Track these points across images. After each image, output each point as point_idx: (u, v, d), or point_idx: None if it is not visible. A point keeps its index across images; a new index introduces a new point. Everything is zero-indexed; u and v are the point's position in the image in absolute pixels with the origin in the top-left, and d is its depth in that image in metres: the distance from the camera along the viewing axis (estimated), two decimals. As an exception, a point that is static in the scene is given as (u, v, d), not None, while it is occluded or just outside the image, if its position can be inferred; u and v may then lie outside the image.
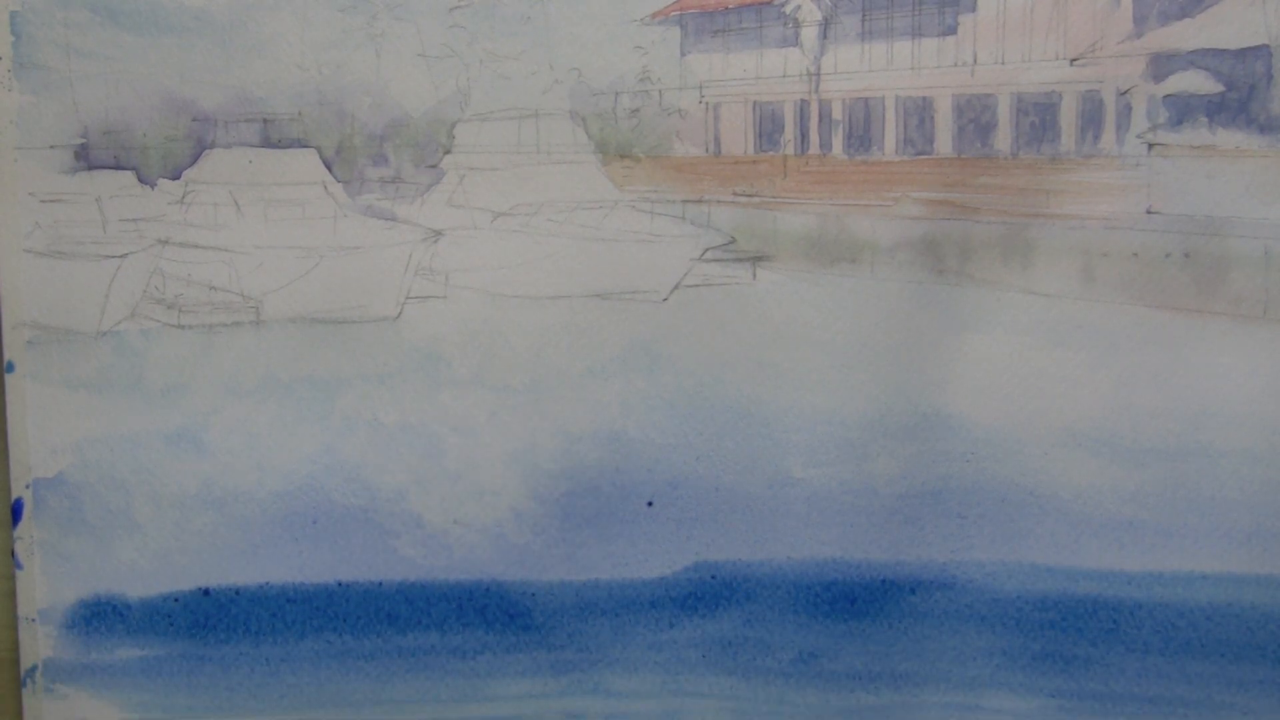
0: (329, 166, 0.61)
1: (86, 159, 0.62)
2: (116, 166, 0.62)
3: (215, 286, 0.62)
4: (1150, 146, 0.56)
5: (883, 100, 0.58)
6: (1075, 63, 0.56)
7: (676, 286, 0.59)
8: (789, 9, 0.58)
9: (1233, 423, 0.56)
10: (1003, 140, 0.57)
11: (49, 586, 0.64)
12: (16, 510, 0.63)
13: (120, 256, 0.62)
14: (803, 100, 0.58)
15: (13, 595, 0.64)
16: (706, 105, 0.58)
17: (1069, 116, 0.56)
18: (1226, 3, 0.54)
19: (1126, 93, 0.56)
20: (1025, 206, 0.57)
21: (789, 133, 0.58)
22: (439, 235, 0.60)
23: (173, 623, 0.63)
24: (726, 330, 0.59)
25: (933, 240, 0.57)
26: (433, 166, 0.60)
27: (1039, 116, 0.56)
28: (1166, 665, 0.58)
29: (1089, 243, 0.56)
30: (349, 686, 0.63)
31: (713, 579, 0.60)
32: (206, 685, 0.63)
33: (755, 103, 0.58)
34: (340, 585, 0.62)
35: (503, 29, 0.59)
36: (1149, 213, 0.56)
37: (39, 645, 0.64)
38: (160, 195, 0.62)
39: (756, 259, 0.58)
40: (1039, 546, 0.58)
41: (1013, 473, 0.58)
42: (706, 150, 0.59)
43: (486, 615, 0.61)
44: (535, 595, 0.61)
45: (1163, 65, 0.55)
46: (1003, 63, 0.56)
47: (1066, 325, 0.57)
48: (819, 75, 0.58)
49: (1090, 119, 0.56)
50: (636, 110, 0.59)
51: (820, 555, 0.59)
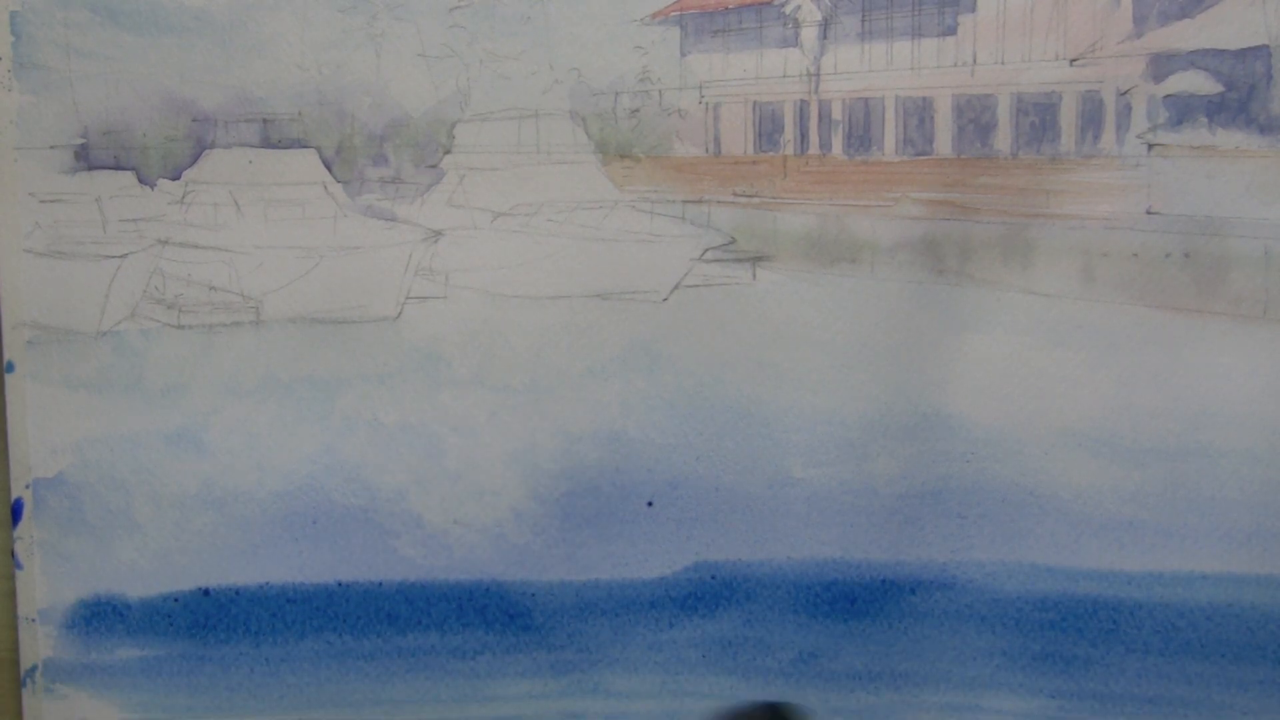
0: (329, 166, 0.61)
1: (86, 159, 0.62)
2: (116, 166, 0.62)
3: (215, 286, 0.62)
4: (1150, 146, 0.55)
5: (883, 100, 0.57)
6: (1075, 63, 0.56)
7: (676, 286, 0.59)
8: (789, 9, 0.58)
9: (1233, 423, 0.56)
10: (1003, 140, 0.57)
11: (49, 586, 0.64)
12: (16, 510, 0.63)
13: (120, 256, 0.62)
14: (803, 100, 0.58)
15: (13, 595, 0.64)
16: (706, 105, 0.58)
17: (1069, 117, 0.56)
18: (1226, 3, 0.54)
19: (1126, 93, 0.55)
20: (1025, 207, 0.57)
21: (789, 133, 0.58)
22: (439, 235, 0.60)
23: (173, 623, 0.63)
24: (726, 330, 0.59)
25: (933, 240, 0.57)
26: (433, 166, 0.60)
27: (1039, 117, 0.56)
28: (1166, 665, 0.58)
29: (1089, 243, 0.56)
30: (349, 686, 0.63)
31: (713, 579, 0.60)
32: (206, 685, 0.63)
33: (755, 103, 0.58)
34: (340, 585, 0.62)
35: (503, 29, 0.59)
36: (1149, 213, 0.56)
37: (39, 645, 0.64)
38: (160, 195, 0.62)
39: (756, 259, 0.58)
40: (1039, 547, 0.58)
41: (1013, 473, 0.58)
42: (706, 150, 0.59)
43: (486, 615, 0.61)
44: (535, 595, 0.61)
45: (1163, 65, 0.55)
46: (1003, 63, 0.56)
47: (1066, 325, 0.57)
48: (819, 75, 0.58)
49: (1090, 119, 0.56)
50: (636, 110, 0.59)
51: (820, 555, 0.59)
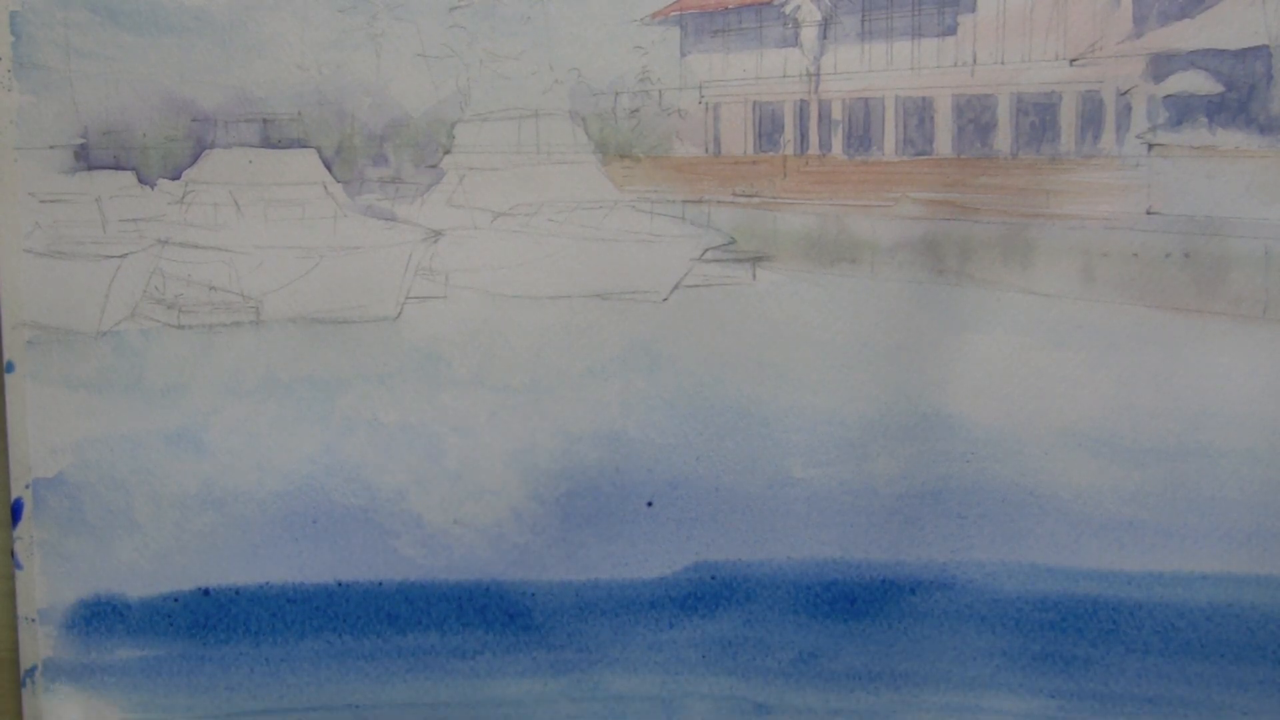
0: (329, 166, 0.61)
1: (86, 159, 0.62)
2: (116, 166, 0.62)
3: (215, 286, 0.62)
4: (1150, 147, 0.55)
5: (882, 100, 0.57)
6: (1075, 63, 0.56)
7: (676, 287, 0.59)
8: (789, 9, 0.58)
9: (1233, 423, 0.56)
10: (1002, 140, 0.57)
11: (49, 586, 0.64)
12: (16, 510, 0.63)
13: (120, 256, 0.62)
14: (802, 100, 0.58)
15: (12, 595, 0.64)
16: (706, 105, 0.58)
17: (1069, 117, 0.56)
18: (1226, 3, 0.54)
19: (1126, 93, 0.55)
20: (1025, 207, 0.57)
21: (789, 133, 0.58)
22: (439, 235, 0.60)
23: (173, 623, 0.63)
24: (726, 330, 0.59)
25: (933, 240, 0.57)
26: (433, 166, 0.60)
27: (1039, 117, 0.56)
28: (1167, 665, 0.58)
29: (1089, 243, 0.56)
30: (349, 686, 0.63)
31: (713, 579, 0.60)
32: (206, 685, 0.63)
33: (755, 103, 0.58)
34: (340, 585, 0.62)
35: (503, 29, 0.59)
36: (1149, 213, 0.56)
37: (39, 645, 0.64)
38: (160, 195, 0.62)
39: (756, 259, 0.58)
40: (1039, 547, 0.58)
41: (1013, 473, 0.58)
42: (706, 150, 0.59)
43: (486, 615, 0.61)
44: (535, 595, 0.61)
45: (1163, 65, 0.55)
46: (1002, 63, 0.56)
47: (1066, 325, 0.57)
48: (819, 75, 0.58)
49: (1090, 119, 0.56)
50: (636, 110, 0.59)
51: (820, 555, 0.59)
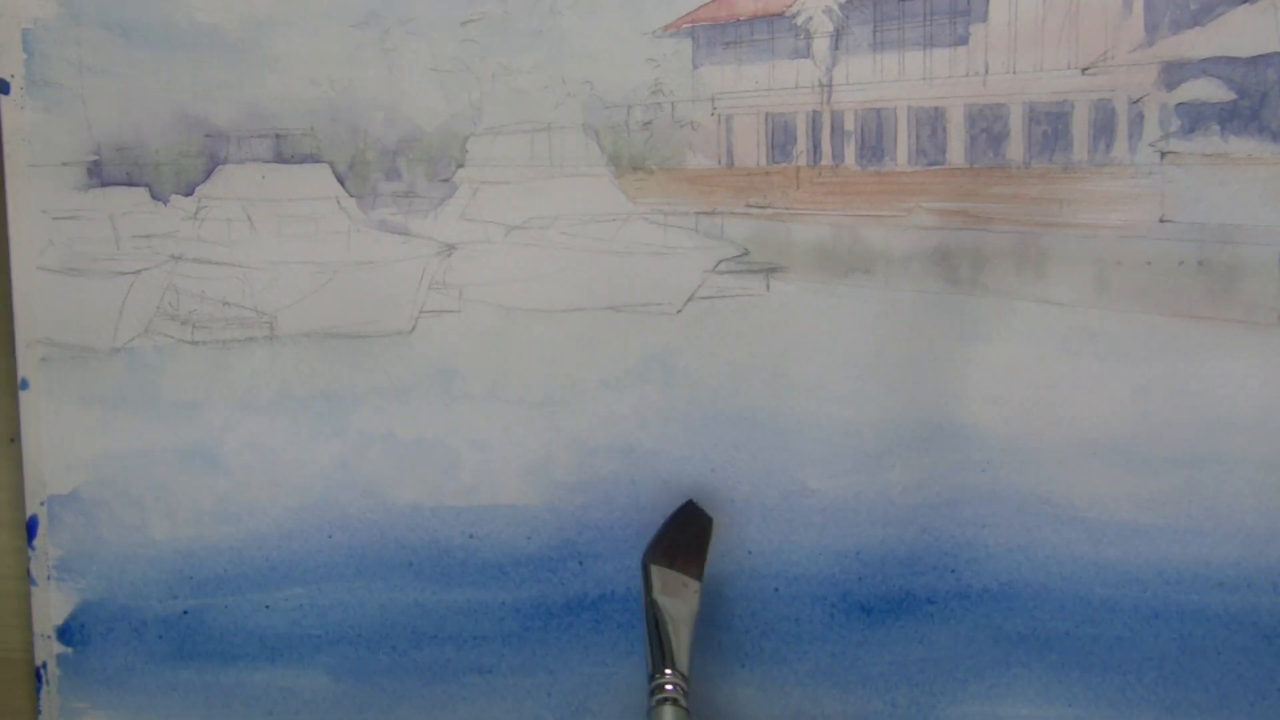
0: (342, 181, 0.61)
1: (99, 176, 0.62)
2: (129, 183, 0.62)
3: (229, 302, 0.62)
4: (1163, 155, 0.56)
5: (895, 111, 0.58)
6: (1087, 72, 0.56)
7: (690, 298, 0.59)
8: (801, 20, 0.58)
9: (1247, 430, 0.56)
10: (1015, 150, 0.57)
11: (64, 601, 0.64)
12: (31, 527, 0.63)
13: (134, 273, 0.62)
14: (815, 111, 0.58)
15: (28, 611, 0.64)
16: (719, 117, 0.58)
17: (1081, 125, 0.56)
18: (1238, 11, 0.54)
19: (1138, 101, 0.56)
20: (1038, 216, 0.57)
21: (801, 144, 0.58)
22: (452, 249, 0.60)
23: (188, 637, 0.63)
24: (741, 342, 0.59)
25: (946, 250, 0.57)
26: (446, 180, 0.60)
27: (1051, 126, 0.56)
28: (1183, 672, 0.58)
29: (1102, 251, 0.56)
30: (364, 700, 0.63)
31: (728, 591, 0.60)
32: (222, 699, 0.63)
33: (768, 114, 0.58)
34: (355, 599, 0.62)
35: (515, 43, 0.59)
36: (1162, 221, 0.56)
37: (53, 660, 0.64)
38: (173, 211, 0.62)
39: (770, 270, 0.58)
40: (1055, 555, 0.58)
41: (1029, 482, 0.58)
42: (719, 162, 0.59)
43: (503, 629, 0.61)
44: (551, 610, 0.61)
45: (1174, 73, 0.55)
46: (1015, 72, 0.56)
47: (1080, 334, 0.57)
48: (831, 86, 0.58)
49: (1102, 128, 0.56)
50: (649, 123, 0.59)
51: (836, 566, 0.59)
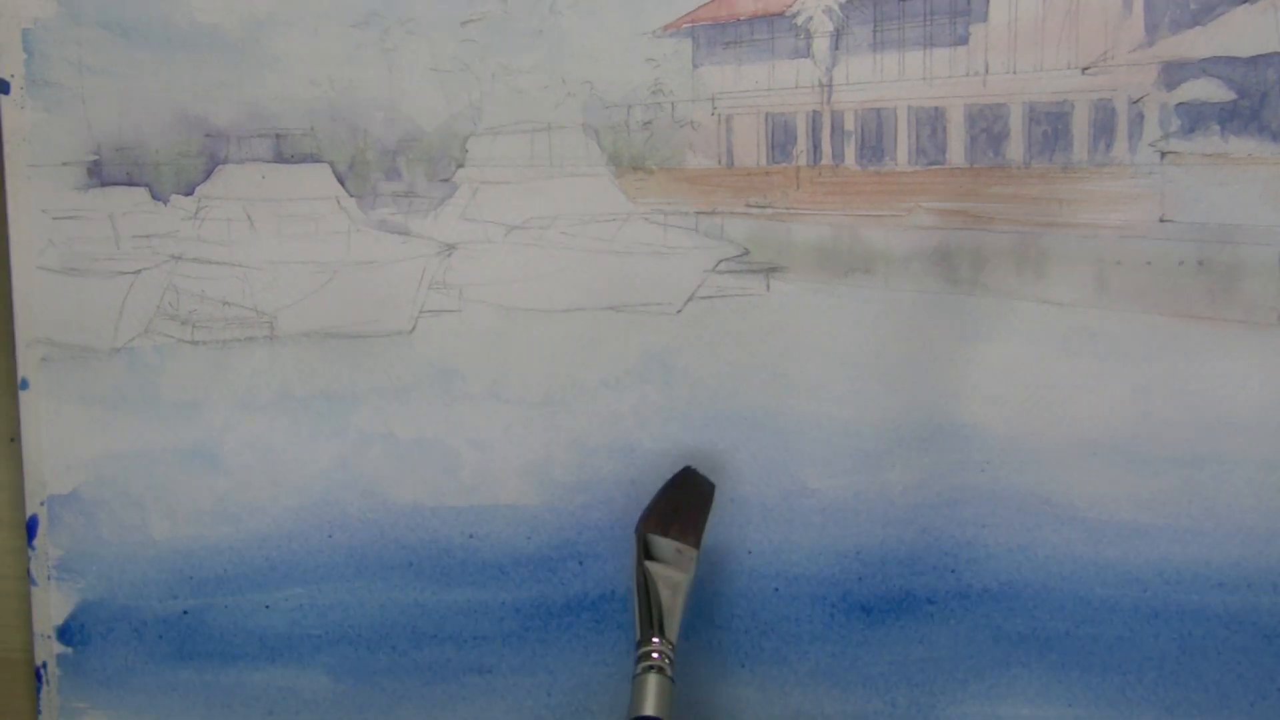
0: (342, 181, 0.61)
1: (99, 175, 0.62)
2: (129, 183, 0.62)
3: (229, 302, 0.62)
4: (1163, 155, 0.56)
5: (895, 111, 0.58)
6: (1087, 72, 0.56)
7: (690, 298, 0.59)
8: (801, 20, 0.58)
9: (1247, 429, 0.56)
10: (1015, 150, 0.57)
11: (64, 601, 0.64)
12: (31, 527, 0.63)
13: (134, 273, 0.62)
14: (815, 111, 0.58)
15: (28, 611, 0.64)
16: (719, 117, 0.58)
17: (1081, 125, 0.56)
18: (1238, 11, 0.54)
19: (1139, 101, 0.56)
20: (1038, 215, 0.57)
21: (801, 144, 0.58)
22: (452, 249, 0.60)
23: (188, 637, 0.63)
24: (740, 342, 0.59)
25: (946, 250, 0.57)
26: (446, 180, 0.60)
27: (1051, 125, 0.56)
28: (1183, 671, 0.58)
29: (1102, 251, 0.56)
30: (364, 700, 0.63)
31: (729, 591, 0.60)
32: (222, 699, 0.63)
33: (768, 114, 0.58)
34: (355, 599, 0.62)
35: (515, 43, 0.59)
36: (1162, 221, 0.56)
37: (53, 660, 0.64)
38: (173, 211, 0.62)
39: (770, 270, 0.58)
40: (1055, 555, 0.58)
41: (1029, 481, 0.58)
42: (719, 162, 0.59)
43: (503, 629, 0.61)
44: (551, 610, 0.61)
45: (1174, 73, 0.55)
46: (1015, 72, 0.56)
47: (1080, 334, 0.57)
48: (831, 86, 0.58)
49: (1102, 127, 0.56)
50: (649, 123, 0.59)
51: (836, 566, 0.59)
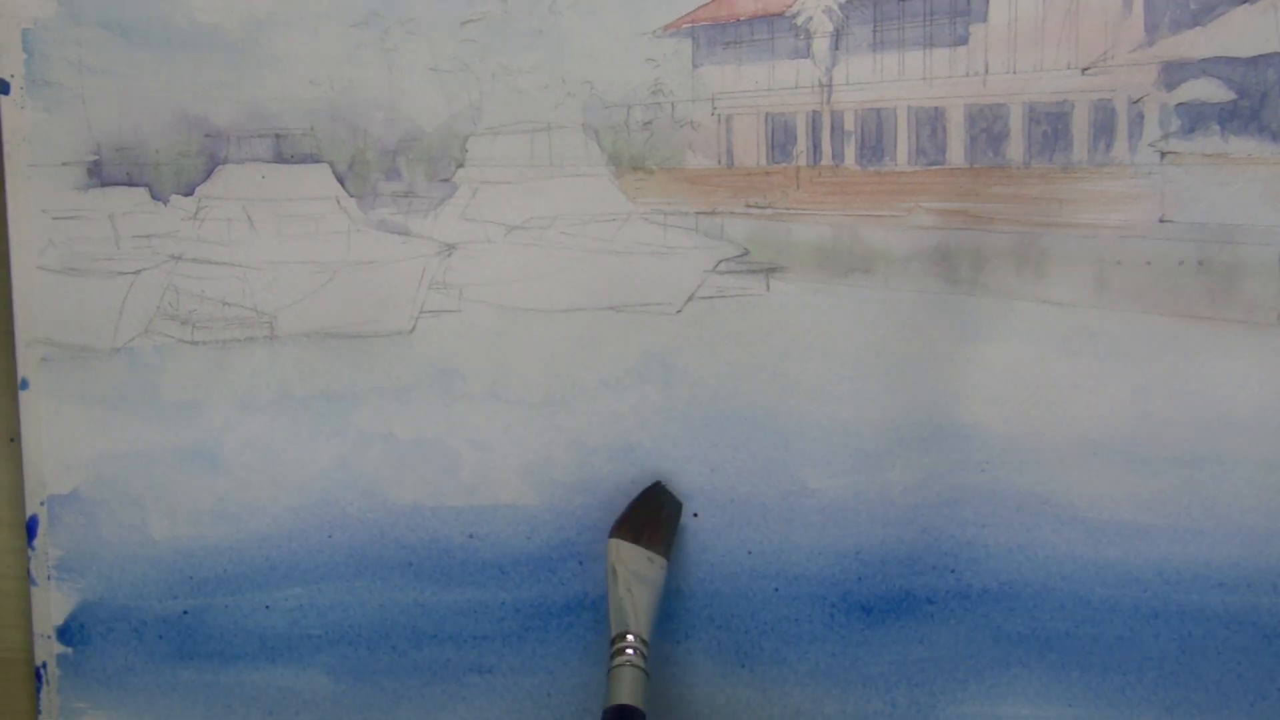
0: (342, 181, 0.61)
1: (99, 176, 0.62)
2: (129, 183, 0.62)
3: (229, 302, 0.62)
4: (1163, 155, 0.56)
5: (895, 111, 0.58)
6: (1087, 72, 0.56)
7: (690, 298, 0.59)
8: (801, 20, 0.58)
9: (1247, 429, 0.56)
10: (1015, 150, 0.57)
11: (64, 601, 0.64)
12: (31, 527, 0.63)
13: (134, 273, 0.62)
14: (815, 111, 0.58)
15: (28, 611, 0.64)
16: (719, 117, 0.58)
17: (1081, 125, 0.56)
18: (1238, 11, 0.54)
19: (1138, 101, 0.56)
20: (1038, 216, 0.57)
21: (801, 144, 0.58)
22: (452, 249, 0.60)
23: (188, 637, 0.63)
24: (740, 342, 0.59)
25: (946, 250, 0.57)
26: (446, 180, 0.60)
27: (1051, 126, 0.56)
28: (1183, 671, 0.58)
29: (1102, 251, 0.56)
30: (364, 700, 0.63)
31: (728, 590, 0.60)
32: (222, 699, 0.63)
33: (768, 114, 0.58)
34: (355, 599, 0.62)
35: (515, 43, 0.59)
36: (1162, 221, 0.56)
37: (53, 660, 0.64)
38: (173, 211, 0.62)
39: (770, 270, 0.58)
40: (1055, 555, 0.58)
41: (1028, 481, 0.58)
42: (719, 162, 0.59)
43: (503, 629, 0.61)
44: (551, 610, 0.61)
45: (1174, 73, 0.55)
46: (1014, 72, 0.56)
47: (1080, 334, 0.57)
48: (831, 86, 0.58)
49: (1102, 128, 0.56)
50: (649, 123, 0.59)
51: (836, 566, 0.59)
